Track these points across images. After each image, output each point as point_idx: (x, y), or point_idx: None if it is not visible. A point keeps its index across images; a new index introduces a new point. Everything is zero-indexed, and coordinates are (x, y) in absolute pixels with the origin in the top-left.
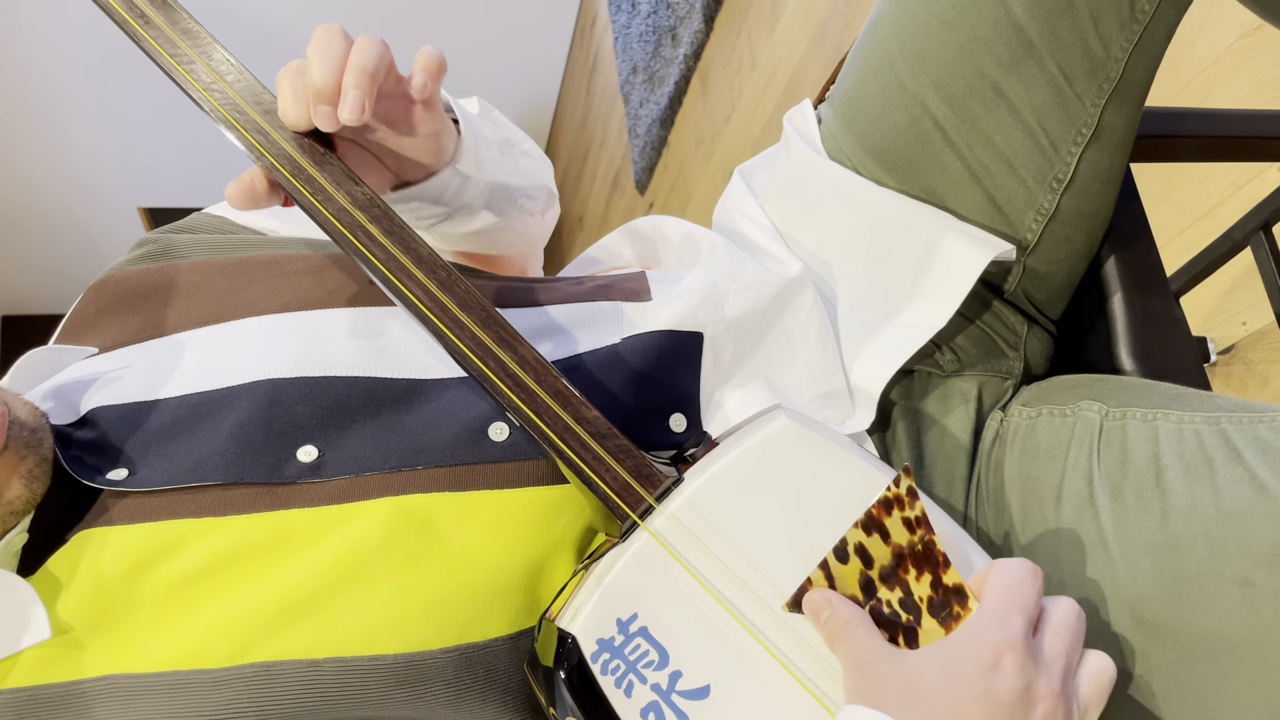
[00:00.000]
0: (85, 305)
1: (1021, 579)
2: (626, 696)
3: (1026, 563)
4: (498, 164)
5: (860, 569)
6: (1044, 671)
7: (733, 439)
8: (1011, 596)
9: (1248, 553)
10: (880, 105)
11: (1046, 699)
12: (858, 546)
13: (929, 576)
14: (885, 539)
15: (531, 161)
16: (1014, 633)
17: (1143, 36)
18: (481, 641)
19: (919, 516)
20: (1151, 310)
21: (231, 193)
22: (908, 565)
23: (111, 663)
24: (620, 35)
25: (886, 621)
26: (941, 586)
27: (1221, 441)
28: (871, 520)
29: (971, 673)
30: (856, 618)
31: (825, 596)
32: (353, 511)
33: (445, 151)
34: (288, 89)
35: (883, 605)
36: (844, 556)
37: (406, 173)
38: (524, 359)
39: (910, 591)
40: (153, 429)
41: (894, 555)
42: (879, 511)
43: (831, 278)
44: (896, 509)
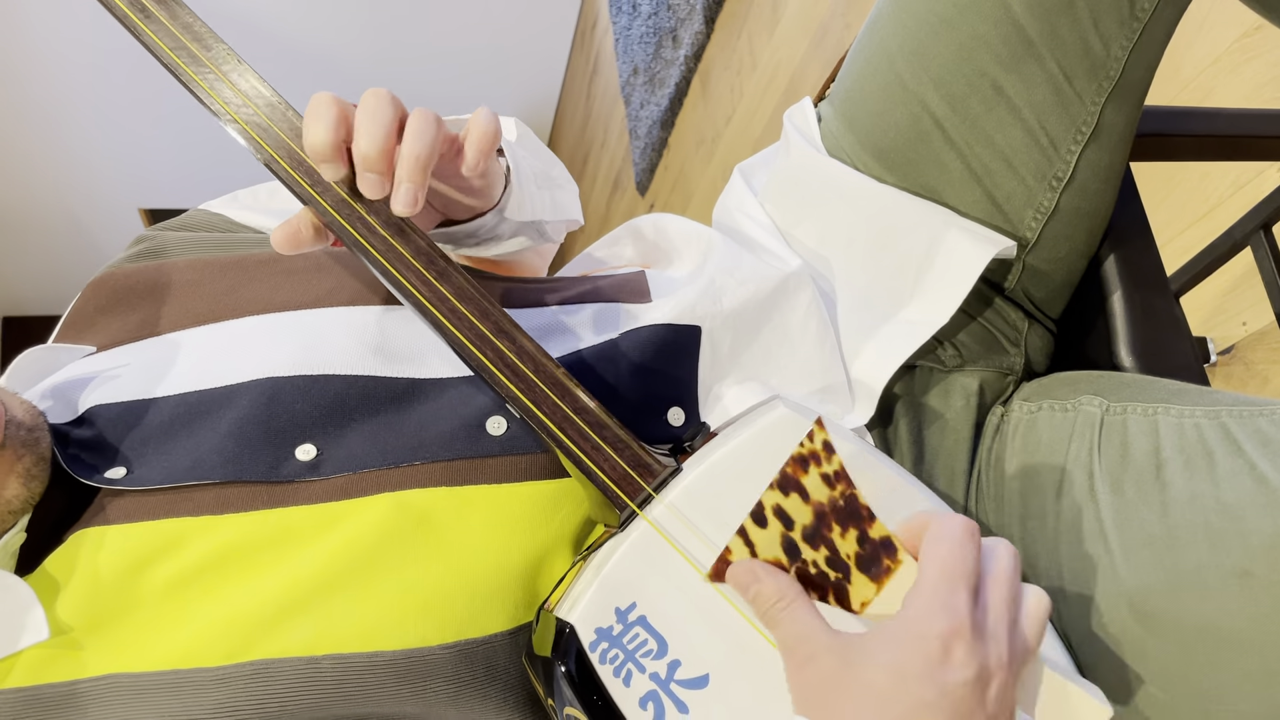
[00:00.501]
0: (83, 303)
1: (960, 544)
2: (625, 686)
3: (962, 523)
4: (535, 200)
5: (781, 531)
6: (992, 643)
7: (731, 429)
8: (951, 568)
9: (1247, 544)
10: (880, 103)
11: (999, 671)
12: (775, 508)
13: (855, 532)
14: (804, 498)
15: (565, 195)
16: (959, 616)
17: (1142, 35)
18: (481, 637)
19: (837, 471)
20: (1151, 308)
21: (278, 238)
22: (830, 523)
23: (111, 662)
24: (621, 37)
25: (814, 582)
26: (869, 541)
27: (1222, 435)
28: (787, 479)
29: (922, 671)
30: (788, 592)
31: (749, 568)
32: (351, 508)
33: (493, 197)
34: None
35: (809, 566)
36: (762, 520)
37: (452, 213)
38: (522, 349)
39: (836, 549)
40: (151, 427)
41: (815, 514)
42: (794, 469)
43: (832, 275)
44: (813, 465)
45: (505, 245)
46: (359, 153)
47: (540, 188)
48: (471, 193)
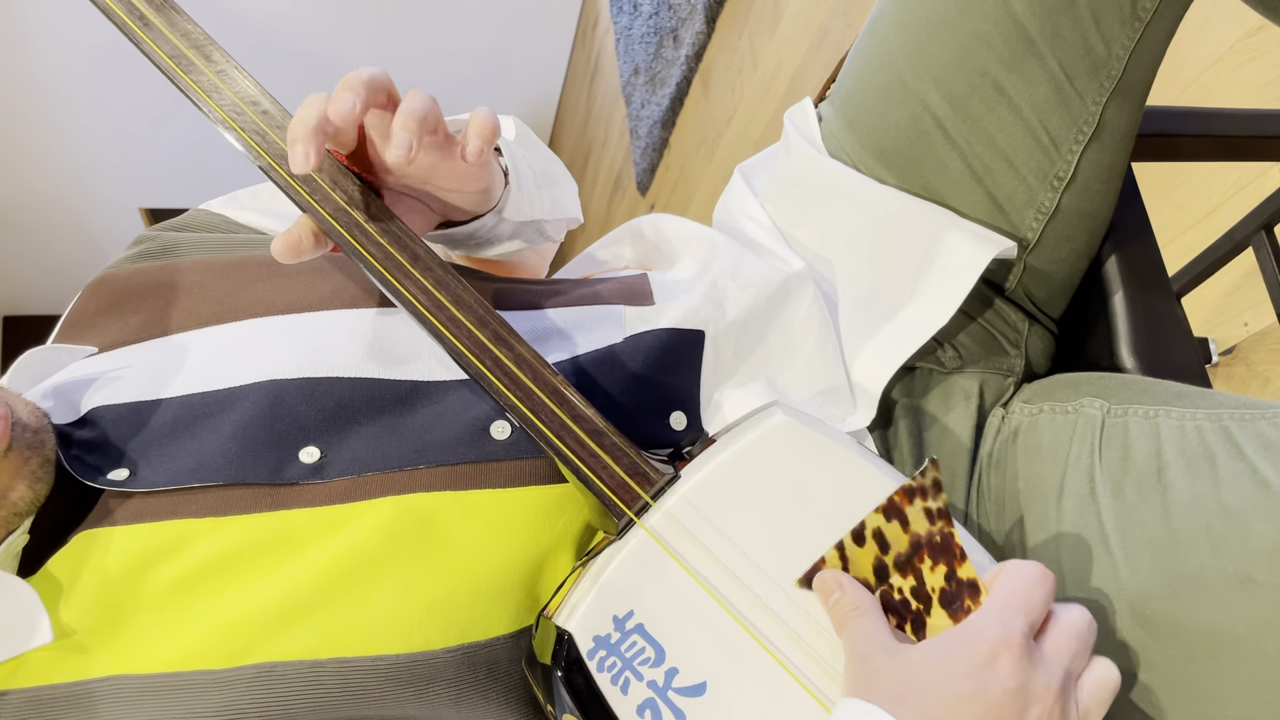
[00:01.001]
0: (84, 304)
1: (1031, 581)
2: (623, 693)
3: (1038, 565)
4: (534, 199)
5: (875, 553)
6: (1042, 672)
7: (729, 436)
8: (1017, 597)
9: (1249, 548)
10: (881, 103)
11: (1042, 699)
12: (875, 531)
13: (944, 568)
14: (904, 526)
15: (565, 194)
16: (1012, 632)
17: (1144, 35)
18: (483, 640)
19: (941, 508)
20: (1153, 309)
21: (278, 247)
22: (924, 555)
23: (115, 664)
24: (622, 37)
25: (895, 608)
26: (955, 579)
27: (1223, 438)
28: (892, 506)
29: (966, 670)
30: (864, 604)
31: (836, 578)
32: (355, 511)
33: (492, 199)
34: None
35: (893, 591)
36: (860, 539)
37: (451, 216)
38: (520, 357)
39: (923, 581)
40: (154, 429)
41: (911, 543)
42: (901, 499)
43: (833, 276)
44: (919, 498)
45: (504, 246)
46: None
47: (539, 186)
48: (470, 184)
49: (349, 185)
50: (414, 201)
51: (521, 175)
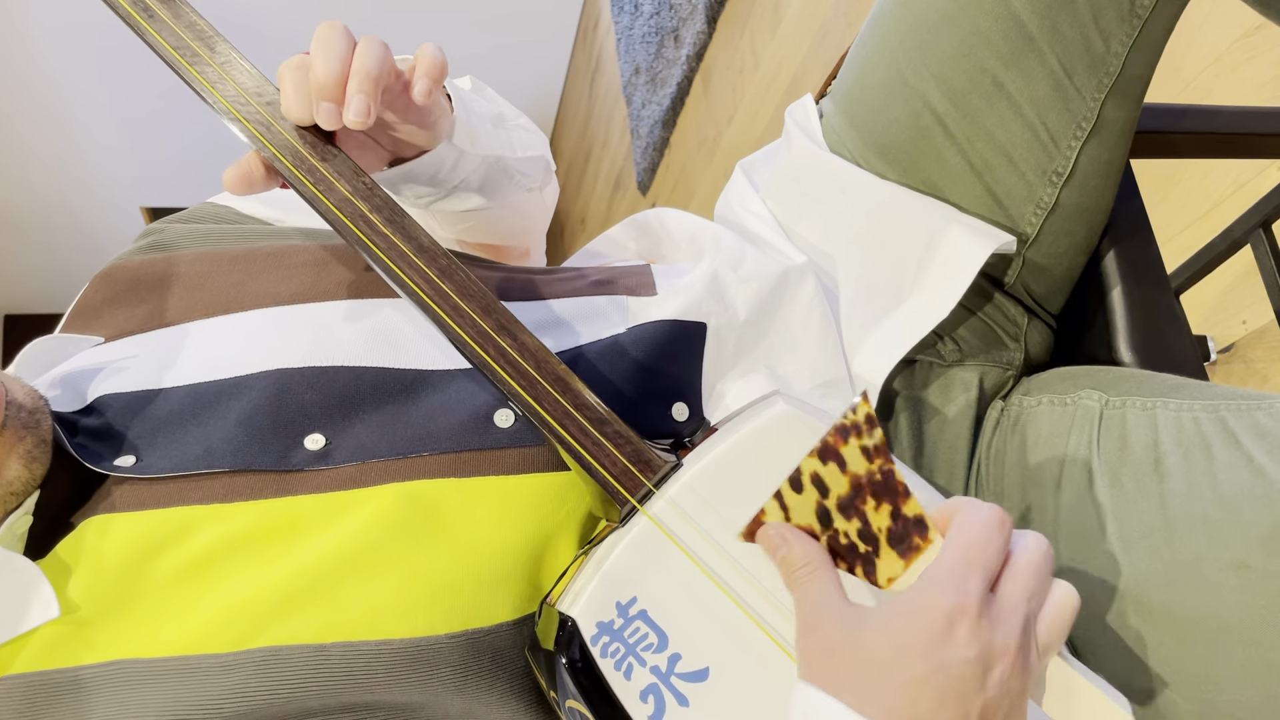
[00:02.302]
0: (91, 295)
1: (986, 530)
2: (626, 679)
3: (994, 511)
4: (491, 137)
5: (816, 499)
6: (1000, 627)
7: (731, 425)
8: (971, 553)
9: (1245, 536)
10: (881, 99)
11: (1002, 658)
12: (813, 476)
13: (889, 507)
14: (842, 467)
15: (526, 134)
16: (967, 595)
17: (1143, 31)
18: (487, 627)
19: (878, 445)
20: (1151, 304)
21: (229, 178)
22: (866, 495)
23: (119, 648)
24: (623, 36)
25: (842, 553)
26: (901, 517)
27: (1220, 428)
28: (827, 448)
29: (922, 646)
30: (814, 559)
31: (780, 532)
32: (359, 497)
33: (441, 133)
34: (290, 85)
35: (840, 536)
36: (799, 486)
37: (401, 151)
38: (524, 346)
39: (869, 522)
40: (160, 416)
41: (851, 484)
42: (835, 439)
43: (833, 269)
44: (854, 436)
45: (475, 197)
46: (315, 84)
47: (496, 127)
48: (421, 123)
49: (353, 177)
50: (363, 138)
51: (472, 111)
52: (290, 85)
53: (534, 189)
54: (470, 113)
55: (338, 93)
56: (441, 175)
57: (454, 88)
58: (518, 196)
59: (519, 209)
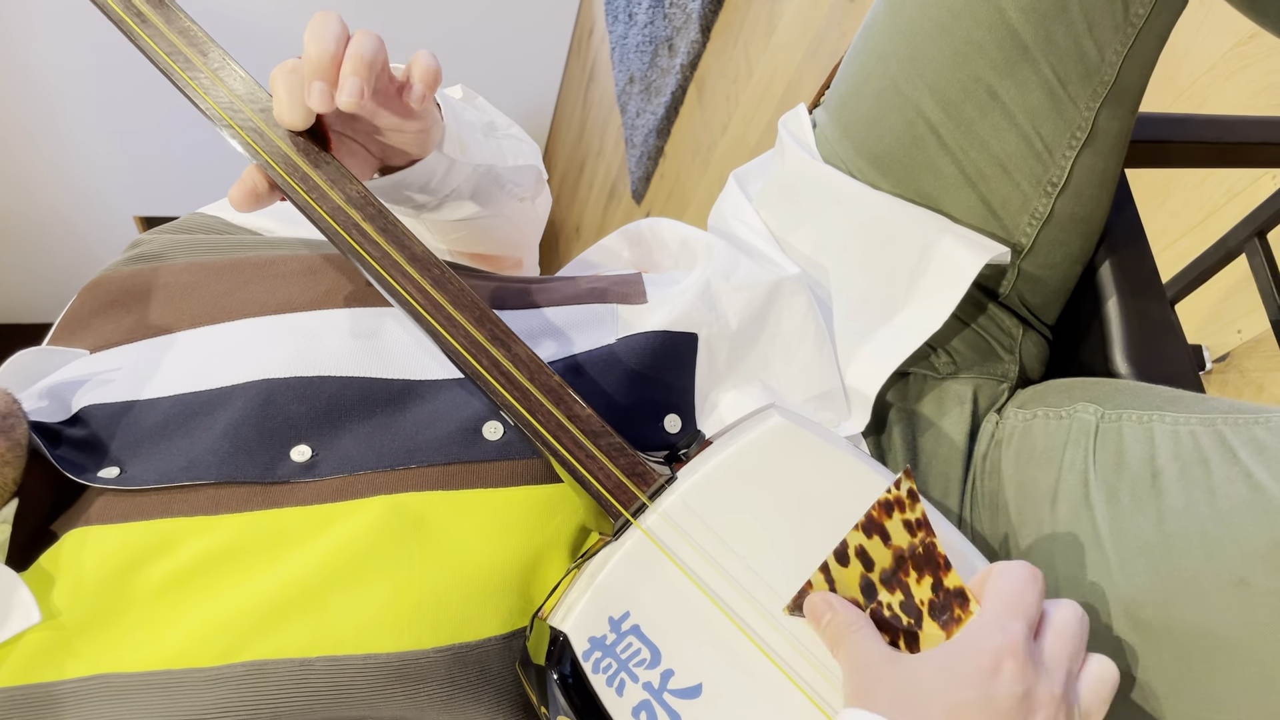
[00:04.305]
0: (79, 306)
1: (1022, 583)
2: (618, 695)
3: (1027, 565)
4: (482, 146)
5: (861, 572)
6: (1044, 677)
7: (726, 438)
8: (1011, 600)
9: (1243, 552)
10: (875, 109)
11: (1047, 705)
12: (858, 549)
13: (930, 579)
14: (886, 541)
15: (517, 143)
16: (1014, 637)
17: (1137, 40)
18: (474, 641)
19: (920, 519)
20: (1146, 315)
21: (234, 195)
22: (908, 568)
23: (102, 661)
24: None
25: (887, 625)
26: (942, 589)
27: (1217, 442)
28: (872, 523)
29: (970, 677)
30: (857, 621)
31: (826, 600)
32: (345, 510)
33: (432, 141)
34: (283, 89)
35: (883, 608)
36: (844, 559)
37: (391, 160)
38: (517, 356)
39: (911, 594)
40: (145, 427)
41: (894, 558)
42: (879, 514)
43: (827, 281)
44: (897, 511)
45: (467, 206)
46: (308, 64)
47: (487, 136)
48: (414, 128)
49: (347, 186)
50: (353, 144)
51: (463, 121)
52: (283, 89)
53: (526, 198)
54: (461, 121)
55: (331, 73)
56: (433, 184)
57: (444, 97)
58: (510, 206)
59: (511, 218)
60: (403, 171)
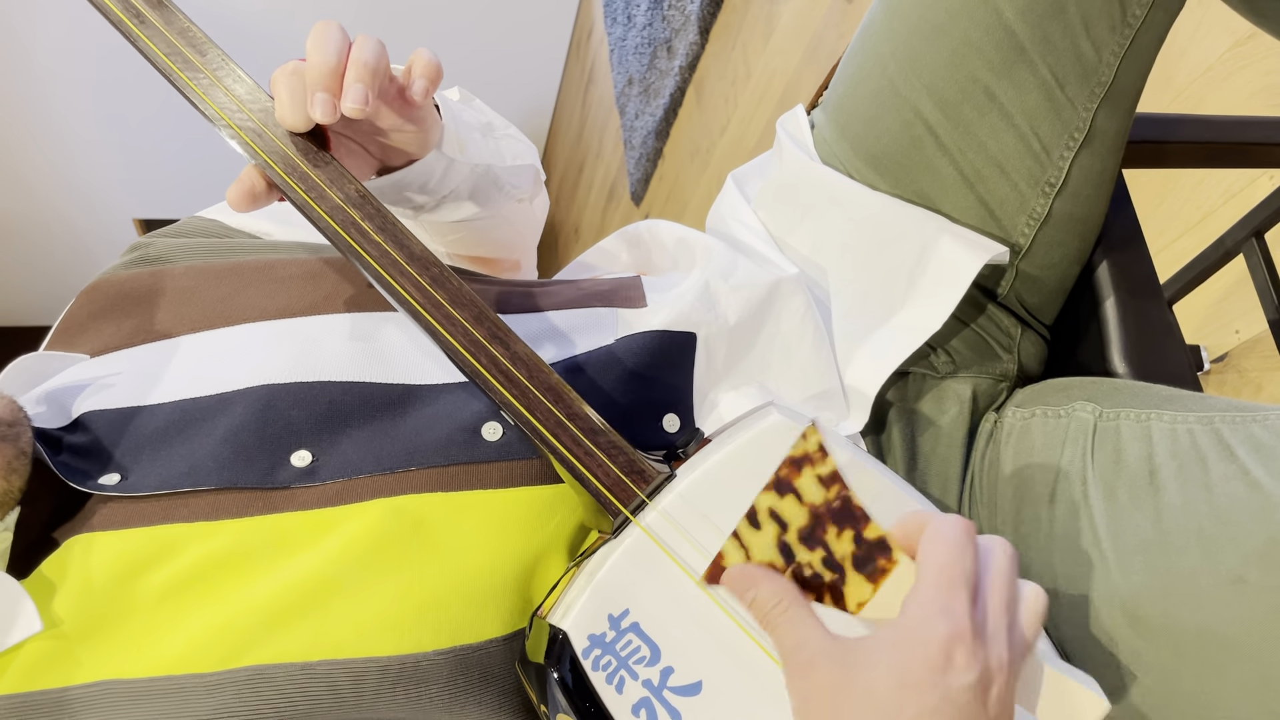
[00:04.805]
0: (77, 310)
1: (959, 547)
2: (618, 693)
3: (960, 523)
4: (480, 146)
5: (776, 533)
6: (993, 645)
7: (725, 435)
8: (950, 571)
9: (1240, 549)
10: (873, 109)
11: (1000, 672)
12: (770, 510)
13: (850, 533)
14: (799, 499)
15: (515, 143)
16: (959, 619)
17: (1134, 41)
18: (476, 643)
19: (832, 473)
20: (1144, 315)
21: (232, 195)
22: (826, 524)
23: (105, 668)
24: (616, 47)
25: (810, 583)
26: (864, 541)
27: (1215, 440)
28: (781, 481)
29: (924, 677)
30: (786, 596)
31: (745, 573)
32: (346, 514)
33: (431, 141)
34: (285, 90)
35: (804, 568)
36: (756, 522)
37: (390, 160)
38: (516, 355)
39: (832, 550)
40: (145, 434)
41: (810, 515)
42: (788, 472)
43: (826, 281)
44: (807, 466)
45: (466, 207)
46: (311, 74)
47: (485, 136)
48: (415, 126)
49: (346, 185)
50: (353, 145)
51: (461, 121)
52: (285, 90)
53: (524, 199)
54: (459, 122)
55: (334, 83)
56: (431, 184)
57: (442, 98)
58: (508, 206)
59: (509, 219)
60: (401, 171)
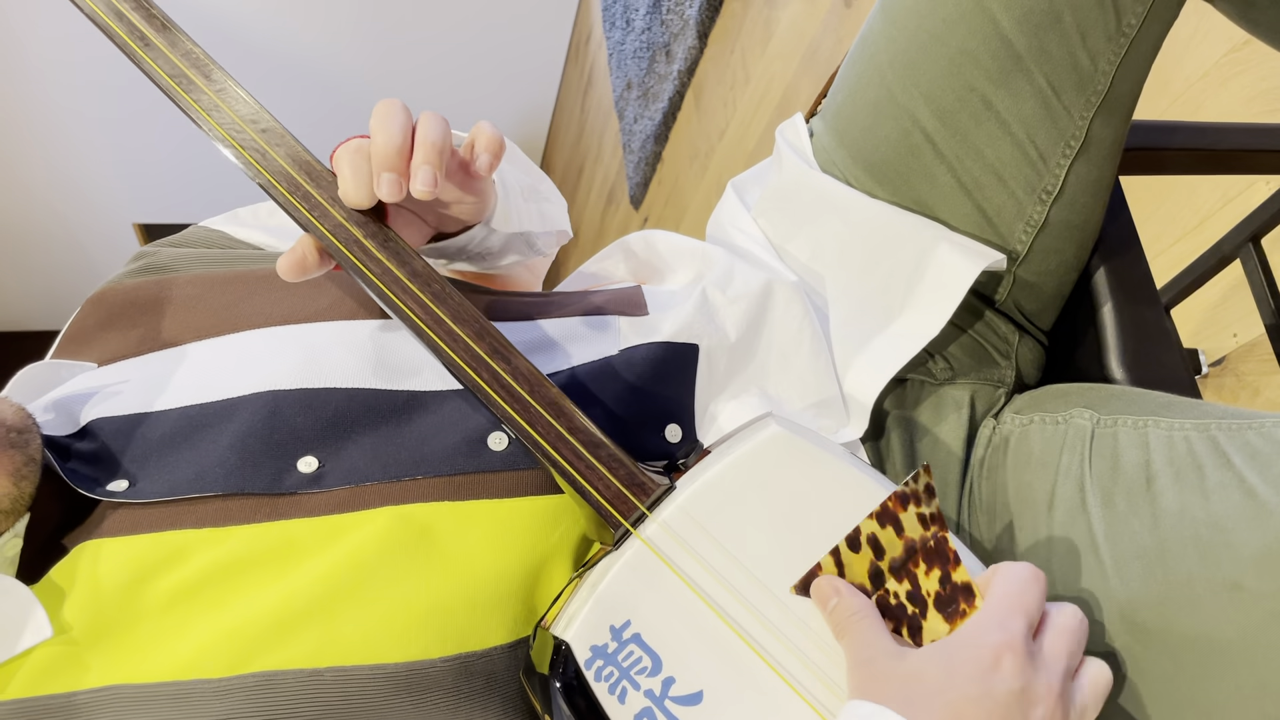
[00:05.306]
0: (83, 318)
1: (1024, 583)
2: (620, 703)
3: (1030, 567)
4: (523, 212)
5: (871, 559)
6: (1043, 673)
7: (724, 447)
8: (1013, 600)
9: (1237, 556)
10: (871, 118)
11: (1045, 699)
12: (870, 537)
13: (938, 572)
14: (899, 532)
15: (553, 207)
16: (1013, 634)
17: (1130, 49)
18: (481, 650)
19: (934, 513)
20: (1141, 321)
21: (283, 266)
22: (918, 559)
23: (113, 673)
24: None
25: (891, 612)
26: (950, 583)
27: (1211, 448)
28: (886, 512)
29: (971, 673)
30: (863, 609)
31: (833, 584)
32: (352, 521)
33: (486, 210)
34: (349, 169)
35: (889, 596)
36: (856, 545)
37: (445, 227)
38: (517, 370)
39: (918, 585)
40: (153, 440)
41: (905, 548)
42: (895, 504)
43: (824, 289)
44: (913, 504)
45: (495, 260)
46: (378, 155)
47: (527, 200)
48: (472, 195)
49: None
50: (411, 215)
51: (509, 188)
52: (349, 169)
53: (550, 254)
54: (508, 193)
55: (400, 164)
56: (470, 249)
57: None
58: (533, 260)
59: (530, 268)
60: (450, 240)
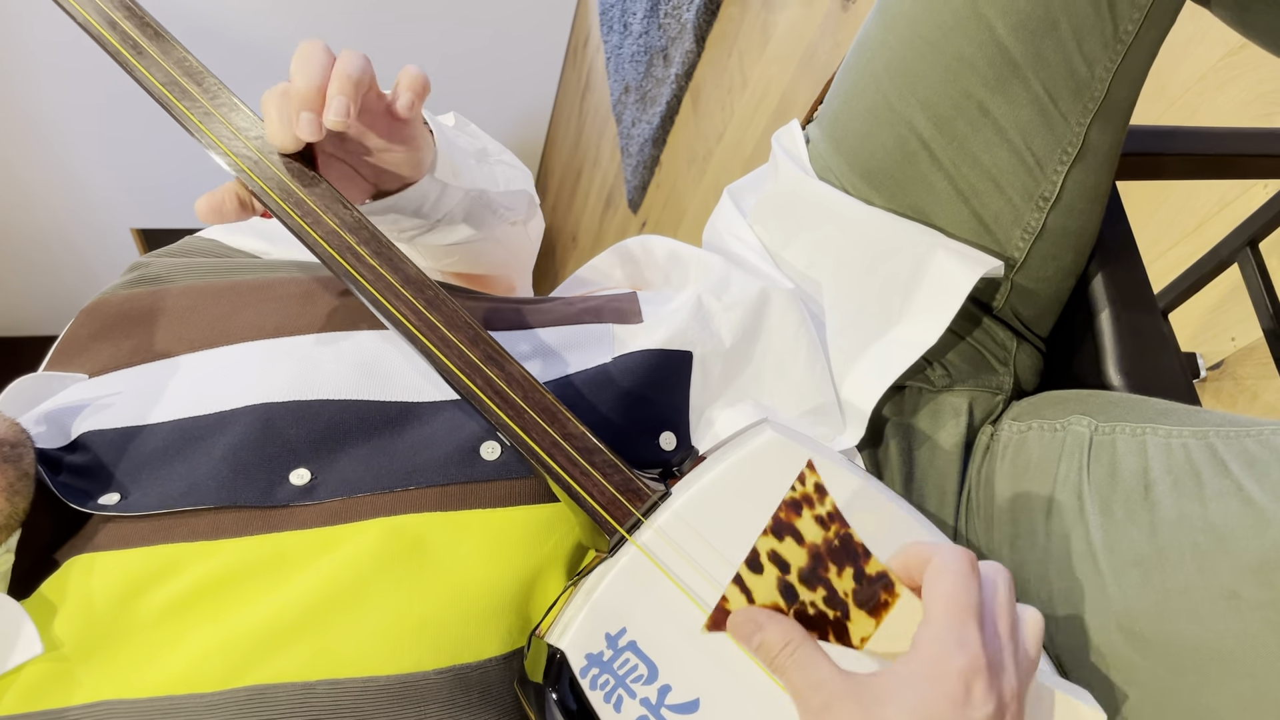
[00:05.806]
0: (77, 329)
1: (964, 578)
2: (616, 711)
3: (962, 554)
4: (474, 171)
5: (777, 575)
6: (1004, 674)
7: (719, 453)
8: (959, 601)
9: (1235, 565)
10: (868, 125)
11: (1014, 701)
12: (771, 553)
13: (851, 570)
14: (799, 541)
15: (509, 169)
16: (973, 651)
17: (1126, 56)
18: (475, 662)
19: (830, 513)
20: (1139, 327)
21: (201, 206)
22: (826, 563)
23: (105, 688)
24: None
25: (813, 621)
26: (865, 578)
27: (1209, 456)
28: (780, 524)
29: (945, 712)
30: (793, 638)
31: (750, 617)
32: (345, 533)
33: (424, 164)
34: (274, 111)
35: (807, 607)
36: (757, 567)
37: (384, 183)
38: (511, 376)
39: (834, 588)
40: (145, 453)
41: (810, 555)
42: (786, 514)
43: (821, 296)
44: (806, 508)
45: (459, 230)
46: (295, 94)
47: (479, 162)
48: (401, 144)
49: (340, 210)
50: (346, 168)
51: (453, 141)
52: (274, 112)
53: (518, 221)
54: (453, 147)
55: (318, 101)
56: (425, 209)
57: (436, 123)
58: (502, 229)
59: (504, 241)
60: (395, 195)
